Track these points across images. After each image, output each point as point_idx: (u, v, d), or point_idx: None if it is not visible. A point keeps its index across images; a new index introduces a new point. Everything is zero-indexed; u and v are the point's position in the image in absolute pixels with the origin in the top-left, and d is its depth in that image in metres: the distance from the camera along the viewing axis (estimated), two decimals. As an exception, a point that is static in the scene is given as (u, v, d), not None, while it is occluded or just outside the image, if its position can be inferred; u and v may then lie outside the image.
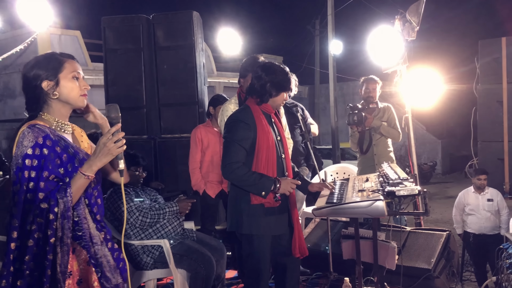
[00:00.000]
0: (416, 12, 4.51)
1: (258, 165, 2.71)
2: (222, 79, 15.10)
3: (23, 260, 1.70)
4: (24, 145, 1.74)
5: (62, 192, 1.74)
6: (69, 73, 1.87)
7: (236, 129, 2.74)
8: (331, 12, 13.76)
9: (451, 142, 18.17)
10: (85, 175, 1.78)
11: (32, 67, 1.87)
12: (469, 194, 5.13)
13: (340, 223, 4.48)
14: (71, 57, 1.94)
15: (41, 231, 1.71)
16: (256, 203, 2.71)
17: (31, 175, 1.72)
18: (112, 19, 5.20)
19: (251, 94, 2.83)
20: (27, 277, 1.70)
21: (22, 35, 10.86)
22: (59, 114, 1.90)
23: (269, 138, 2.74)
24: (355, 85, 20.44)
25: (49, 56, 1.90)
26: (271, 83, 2.75)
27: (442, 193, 12.75)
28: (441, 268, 3.67)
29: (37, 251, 1.71)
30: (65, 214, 1.75)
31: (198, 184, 4.25)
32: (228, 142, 2.75)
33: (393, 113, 4.81)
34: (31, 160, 1.73)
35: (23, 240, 1.71)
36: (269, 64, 2.84)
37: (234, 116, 2.86)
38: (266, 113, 2.83)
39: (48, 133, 1.79)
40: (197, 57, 5.04)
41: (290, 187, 2.69)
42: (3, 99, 11.91)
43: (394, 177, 2.76)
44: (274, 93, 2.78)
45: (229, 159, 2.69)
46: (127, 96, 5.13)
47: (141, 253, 3.36)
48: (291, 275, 2.95)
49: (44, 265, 1.71)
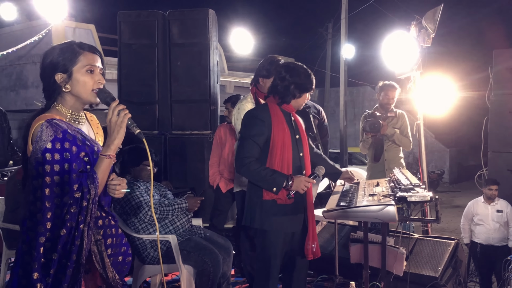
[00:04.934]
0: (433, 19, 4.49)
1: (272, 162, 2.74)
2: (233, 78, 15.13)
3: (56, 249, 1.72)
4: (43, 140, 1.73)
5: (91, 179, 1.77)
6: (83, 66, 1.85)
7: (251, 125, 2.78)
8: (345, 16, 13.74)
9: (460, 151, 18.06)
10: (106, 155, 1.81)
11: (47, 57, 1.87)
12: (479, 204, 5.09)
13: (347, 226, 4.47)
14: (90, 48, 1.91)
15: (74, 219, 1.74)
16: (268, 198, 2.74)
17: (55, 169, 1.73)
18: (128, 14, 5.23)
19: (273, 94, 2.85)
20: (56, 265, 1.73)
21: (37, 27, 10.96)
22: (73, 107, 1.90)
23: (285, 136, 2.76)
24: (365, 90, 20.38)
25: (65, 47, 1.88)
26: (295, 85, 2.77)
27: (449, 202, 12.67)
28: (448, 277, 3.65)
29: (68, 238, 1.74)
30: (94, 199, 1.79)
31: (213, 178, 4.44)
32: (243, 137, 2.80)
33: (406, 121, 4.78)
34: (52, 154, 1.73)
35: (54, 231, 1.73)
36: (293, 65, 2.85)
37: (250, 112, 2.90)
38: (286, 112, 2.85)
39: (65, 128, 1.79)
40: (211, 55, 5.05)
41: (304, 185, 2.70)
42: (16, 89, 12.01)
43: (406, 182, 2.75)
44: (298, 95, 2.81)
45: (242, 154, 2.73)
46: (139, 91, 5.17)
47: (148, 248, 3.38)
48: (298, 275, 2.96)
49: (71, 251, 1.74)
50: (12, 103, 11.74)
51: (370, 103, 18.56)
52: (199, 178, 4.88)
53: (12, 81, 12.06)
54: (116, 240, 1.94)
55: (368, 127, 4.58)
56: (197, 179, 4.92)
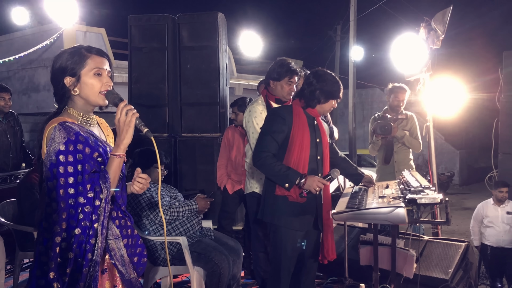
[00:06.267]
0: (442, 21, 4.48)
1: (289, 160, 2.80)
2: (242, 81, 15.17)
3: (72, 249, 1.76)
4: (56, 142, 1.78)
5: (103, 179, 1.81)
6: (91, 69, 1.88)
7: (272, 122, 2.88)
8: (354, 18, 13.71)
9: (470, 153, 17.91)
10: (116, 155, 1.84)
11: (57, 61, 1.90)
12: (488, 206, 5.07)
13: (357, 229, 4.47)
14: (98, 51, 1.94)
15: (88, 219, 1.77)
16: (279, 194, 2.80)
17: (68, 170, 1.77)
18: (139, 17, 5.27)
19: (299, 97, 2.95)
20: (73, 264, 1.76)
21: (49, 31, 11.08)
22: (83, 110, 1.94)
23: (304, 137, 2.83)
24: (374, 92, 20.31)
25: (74, 51, 1.91)
26: (321, 91, 2.85)
27: (459, 204, 12.57)
28: (458, 279, 3.63)
29: (83, 238, 1.77)
30: (107, 198, 1.82)
31: (220, 179, 4.47)
32: (263, 133, 2.90)
33: (416, 123, 4.77)
34: (66, 156, 1.77)
35: (70, 231, 1.76)
36: (322, 72, 2.93)
37: (275, 110, 3.04)
38: (310, 115, 2.92)
39: (77, 130, 1.83)
40: (220, 58, 5.08)
41: (317, 185, 2.73)
42: (28, 92, 12.14)
43: (416, 184, 2.75)
44: (323, 100, 2.88)
45: (260, 148, 2.83)
46: (149, 94, 5.20)
47: (159, 249, 3.41)
48: (307, 275, 3.00)
49: (86, 249, 1.78)
50: (24, 106, 11.87)
51: (379, 105, 18.50)
52: (209, 180, 4.89)
53: (24, 85, 12.19)
54: (132, 241, 1.97)
55: (379, 129, 4.58)
56: (207, 181, 4.94)
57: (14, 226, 3.61)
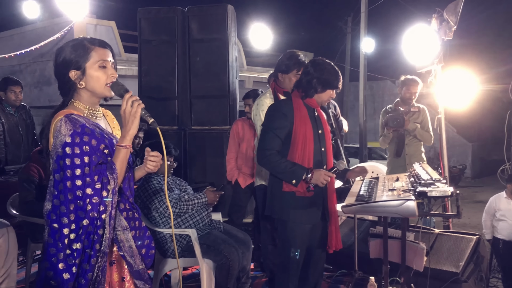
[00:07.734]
0: (454, 11, 4.41)
1: (293, 155, 2.78)
2: (252, 73, 15.12)
3: (80, 240, 1.77)
4: (62, 134, 1.78)
5: (110, 170, 1.82)
6: (96, 62, 1.88)
7: (273, 118, 2.84)
8: (364, 9, 13.60)
9: (482, 145, 17.74)
10: (122, 146, 1.85)
11: (60, 55, 1.90)
12: (501, 199, 5.01)
13: (367, 222, 4.45)
14: (101, 43, 1.93)
15: (95, 209, 1.78)
16: (287, 190, 2.79)
17: (75, 162, 1.77)
18: (148, 10, 5.27)
19: (297, 87, 2.91)
20: (81, 255, 1.78)
21: (59, 24, 11.13)
22: (89, 102, 1.94)
23: (307, 130, 2.79)
24: (385, 84, 20.16)
25: (76, 44, 1.90)
26: (318, 79, 2.81)
27: (470, 197, 12.48)
28: (469, 273, 3.60)
29: (90, 228, 1.79)
30: (114, 189, 1.82)
31: (231, 173, 4.44)
32: (265, 130, 2.87)
33: (427, 116, 4.72)
34: (72, 148, 1.77)
35: (78, 222, 1.77)
36: (320, 61, 2.89)
37: (274, 105, 2.98)
38: (310, 107, 2.88)
39: (83, 122, 1.84)
40: (230, 50, 5.07)
41: (323, 179, 2.71)
42: (39, 86, 12.23)
43: (426, 177, 2.72)
44: (320, 89, 2.83)
45: (263, 146, 2.80)
46: (159, 87, 5.21)
47: (169, 241, 3.42)
48: (315, 266, 3.00)
49: (94, 240, 1.79)
50: (36, 99, 11.96)
51: (390, 97, 18.36)
52: (219, 173, 4.90)
53: (36, 78, 12.27)
54: (139, 233, 1.98)
55: (391, 122, 4.53)
56: (217, 174, 4.95)
57: (25, 218, 3.63)
